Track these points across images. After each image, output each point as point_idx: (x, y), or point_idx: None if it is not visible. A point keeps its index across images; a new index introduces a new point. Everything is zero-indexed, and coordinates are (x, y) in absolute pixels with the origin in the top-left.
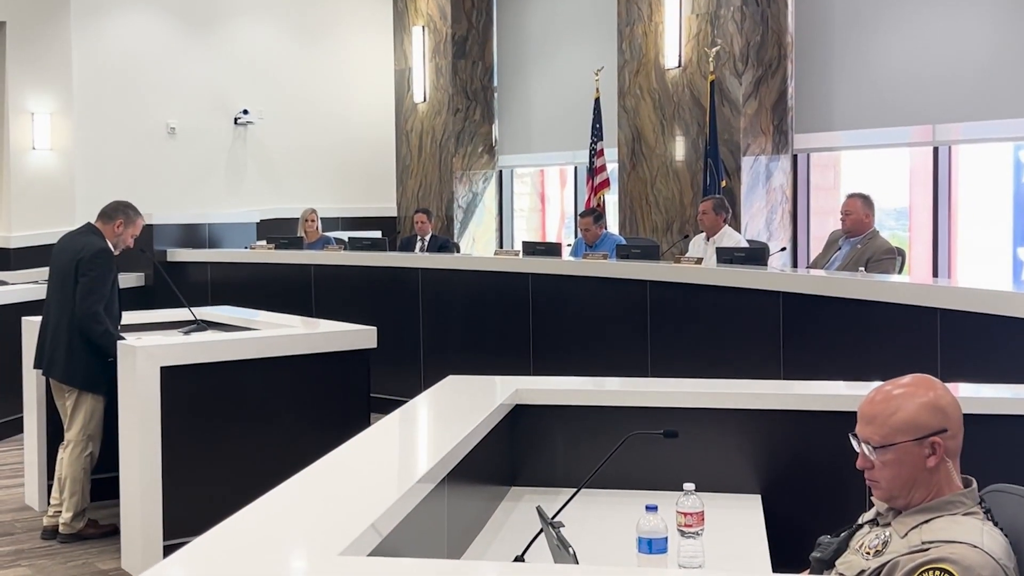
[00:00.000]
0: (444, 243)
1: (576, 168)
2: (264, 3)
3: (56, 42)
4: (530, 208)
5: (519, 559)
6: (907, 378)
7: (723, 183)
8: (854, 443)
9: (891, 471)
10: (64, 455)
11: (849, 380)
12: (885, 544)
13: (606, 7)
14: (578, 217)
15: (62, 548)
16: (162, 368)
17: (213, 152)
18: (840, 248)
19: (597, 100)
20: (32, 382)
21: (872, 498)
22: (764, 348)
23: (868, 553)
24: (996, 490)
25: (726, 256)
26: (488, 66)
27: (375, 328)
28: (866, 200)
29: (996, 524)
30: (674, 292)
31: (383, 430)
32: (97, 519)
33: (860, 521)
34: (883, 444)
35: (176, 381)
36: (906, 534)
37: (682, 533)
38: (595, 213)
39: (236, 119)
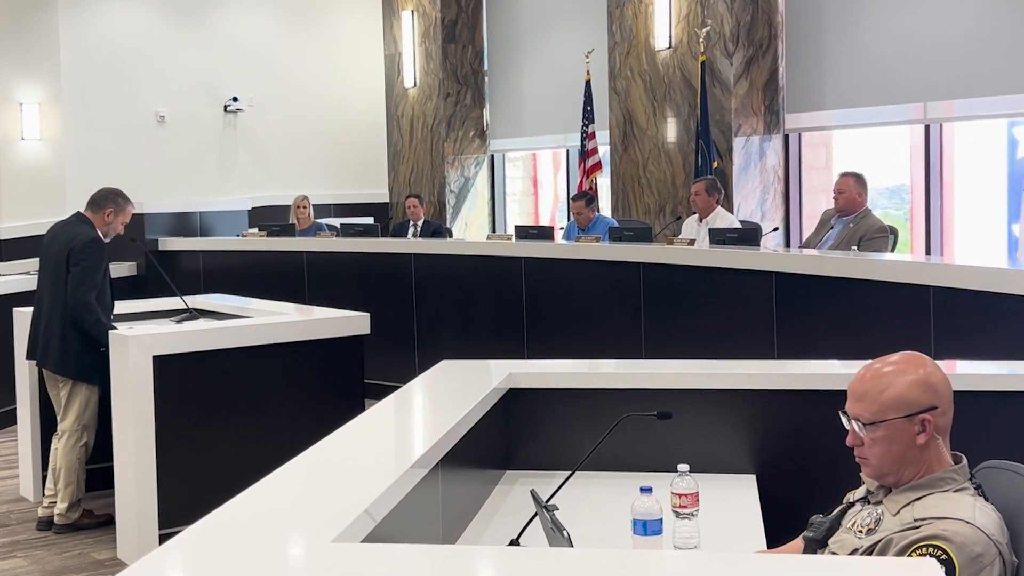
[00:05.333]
0: (437, 228)
1: (568, 151)
2: None
3: (44, 31)
4: (522, 192)
5: (514, 543)
6: (897, 356)
7: (715, 164)
8: (844, 420)
9: (881, 448)
10: (59, 446)
11: (843, 359)
12: (877, 522)
13: None
14: (570, 200)
15: (58, 539)
16: (155, 357)
17: (203, 140)
18: (832, 227)
19: (588, 83)
20: (25, 373)
21: (861, 475)
22: (757, 328)
23: (860, 532)
24: (990, 466)
25: (719, 237)
26: (478, 50)
27: (368, 314)
28: (859, 179)
29: (988, 500)
30: (667, 274)
31: (377, 416)
32: (92, 509)
33: (850, 499)
34: (873, 421)
35: (169, 370)
36: (898, 512)
37: (677, 514)
38: (587, 196)
39: (226, 106)
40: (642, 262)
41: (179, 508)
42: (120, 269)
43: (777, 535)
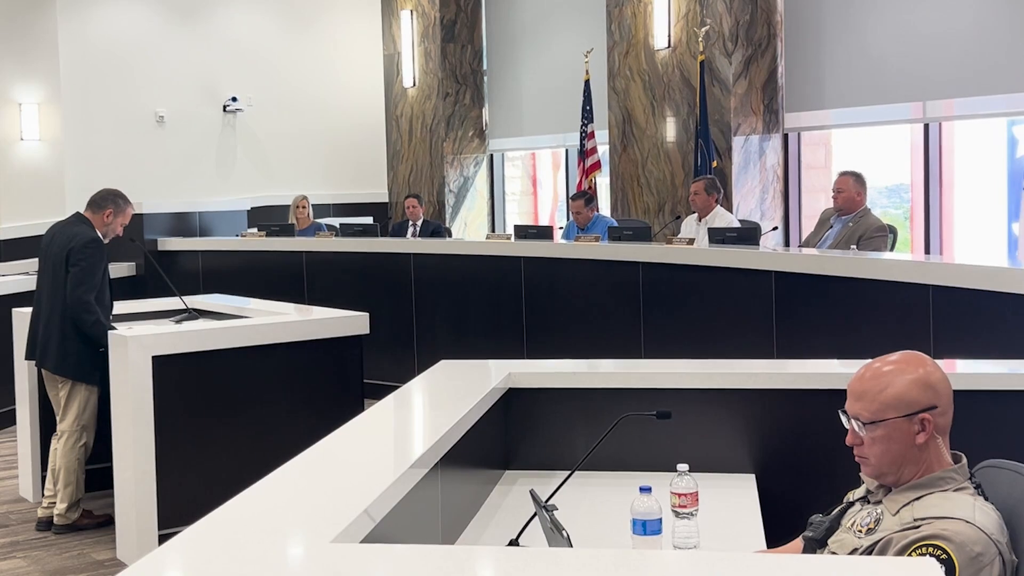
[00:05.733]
0: (436, 228)
1: (567, 151)
2: None
3: (43, 32)
4: (522, 191)
5: (513, 543)
6: (897, 355)
7: (714, 163)
8: (843, 419)
9: (880, 447)
10: (58, 446)
11: (842, 358)
12: (877, 522)
13: None
14: (569, 200)
15: (57, 539)
16: (154, 357)
17: (202, 140)
18: (832, 226)
19: (587, 82)
20: (24, 373)
21: (861, 475)
22: (757, 327)
23: (860, 531)
24: (990, 465)
25: (718, 236)
26: (477, 49)
27: (367, 314)
28: (858, 178)
29: (987, 499)
30: (666, 273)
31: (376, 416)
32: (92, 510)
33: (850, 499)
34: (873, 420)
35: (168, 370)
36: (898, 511)
37: (676, 514)
38: (586, 196)
39: (225, 106)
40: (641, 262)
41: (178, 508)
42: (119, 269)
43: (777, 534)
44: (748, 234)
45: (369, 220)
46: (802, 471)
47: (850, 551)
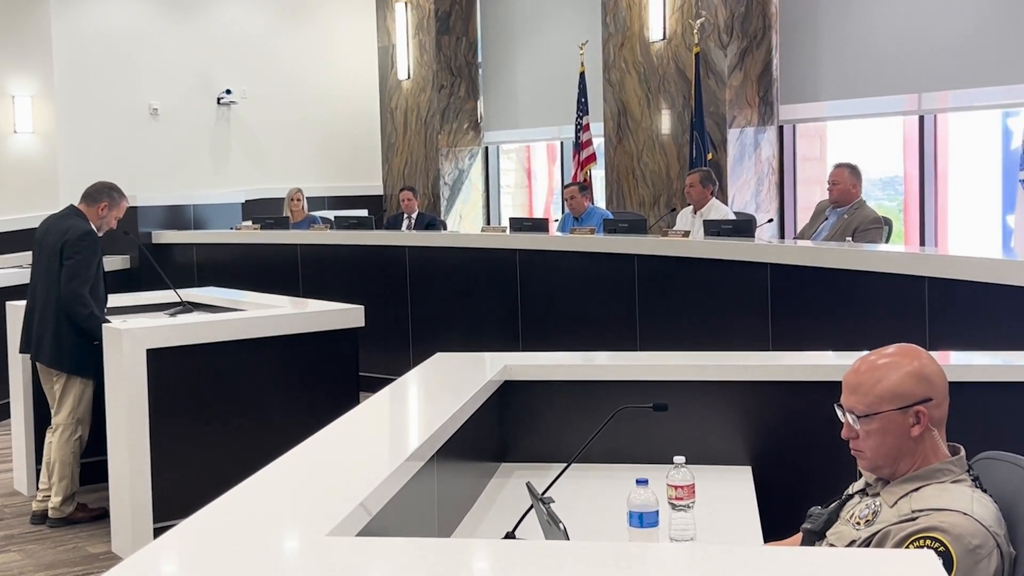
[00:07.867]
0: (431, 221)
1: (562, 143)
2: None
3: (36, 24)
4: (516, 184)
5: (510, 536)
6: (892, 347)
7: (709, 156)
8: (839, 413)
9: (875, 440)
10: (53, 439)
11: (838, 350)
12: (875, 514)
13: None
14: (564, 187)
15: (52, 532)
16: (148, 351)
17: (197, 132)
18: (827, 218)
19: (582, 74)
20: (18, 367)
21: (859, 468)
22: (752, 320)
23: (858, 523)
24: (987, 457)
25: (713, 229)
26: (472, 42)
27: (363, 307)
28: (853, 170)
29: (985, 491)
30: (662, 266)
31: (372, 409)
32: (86, 503)
33: (850, 491)
34: (867, 413)
35: (163, 363)
36: (895, 503)
37: (673, 506)
38: (580, 183)
39: (219, 99)
40: (637, 254)
41: (173, 502)
42: (113, 262)
43: (773, 526)
44: (743, 226)
45: (364, 213)
46: (798, 463)
47: (848, 543)
